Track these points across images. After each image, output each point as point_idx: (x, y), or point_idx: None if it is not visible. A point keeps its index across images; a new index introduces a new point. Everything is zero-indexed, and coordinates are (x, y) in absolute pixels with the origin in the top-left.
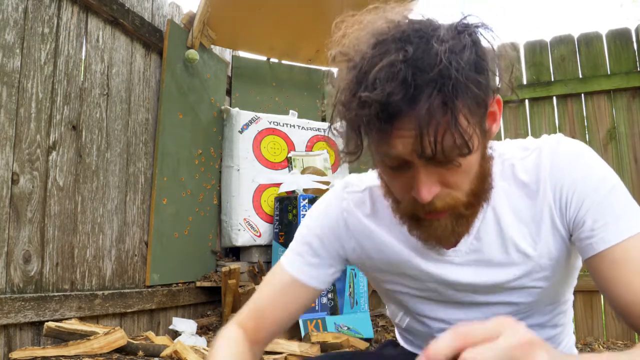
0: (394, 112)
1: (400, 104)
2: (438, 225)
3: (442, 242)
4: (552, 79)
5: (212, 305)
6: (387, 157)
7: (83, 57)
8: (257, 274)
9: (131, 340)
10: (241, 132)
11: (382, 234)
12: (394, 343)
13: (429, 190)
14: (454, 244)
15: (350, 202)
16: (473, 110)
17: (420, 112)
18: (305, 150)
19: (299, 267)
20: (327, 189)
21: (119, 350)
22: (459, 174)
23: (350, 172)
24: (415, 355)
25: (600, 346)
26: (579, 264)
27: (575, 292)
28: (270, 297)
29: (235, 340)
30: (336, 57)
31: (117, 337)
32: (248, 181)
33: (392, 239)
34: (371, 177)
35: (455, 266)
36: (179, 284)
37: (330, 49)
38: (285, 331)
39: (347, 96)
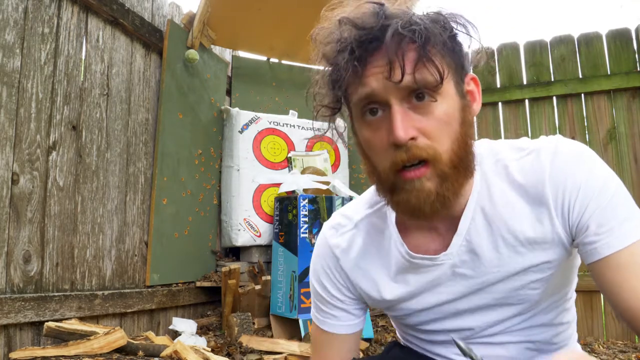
0: (368, 40)
1: (372, 31)
2: (421, 187)
3: (427, 209)
4: (552, 79)
5: (212, 305)
6: (363, 99)
7: (83, 57)
8: (257, 274)
9: (131, 340)
10: (241, 132)
11: (375, 265)
12: (399, 344)
13: (405, 129)
14: (450, 225)
15: (342, 248)
16: (446, 56)
17: (389, 37)
18: (305, 150)
19: (332, 324)
20: (327, 189)
21: (119, 350)
22: (437, 121)
23: (350, 166)
24: (421, 356)
25: (600, 346)
26: (577, 261)
27: (576, 292)
28: (329, 356)
29: None
30: (316, 33)
31: (117, 337)
32: (248, 181)
33: (382, 268)
34: (360, 208)
35: (448, 269)
36: (179, 284)
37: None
38: None
39: (325, 46)
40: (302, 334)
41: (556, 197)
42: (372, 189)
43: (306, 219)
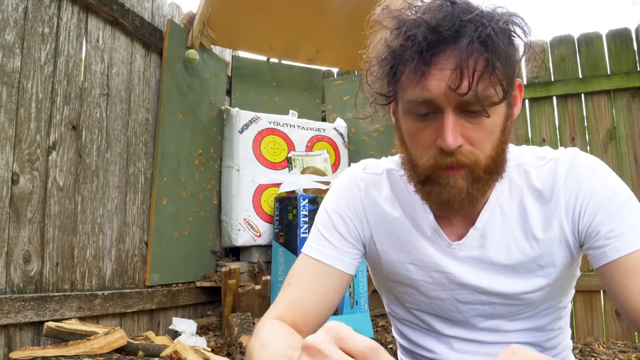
0: (437, 41)
1: (444, 34)
2: (455, 184)
3: (456, 205)
4: (552, 79)
5: (212, 305)
6: (419, 102)
7: (83, 57)
8: (257, 274)
9: (131, 340)
10: (241, 132)
11: (396, 216)
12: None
13: (455, 137)
14: (466, 217)
15: (368, 183)
16: (504, 66)
17: (462, 45)
18: (305, 150)
19: (327, 253)
20: (327, 189)
21: (119, 350)
22: (484, 132)
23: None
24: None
25: (600, 346)
26: (577, 273)
27: (575, 292)
28: (305, 287)
29: (279, 324)
30: (383, 17)
31: (117, 337)
32: (248, 181)
33: (406, 222)
34: (388, 162)
35: (458, 261)
36: (179, 284)
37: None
38: (325, 321)
39: (391, 34)
40: None
41: (568, 202)
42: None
43: (306, 219)
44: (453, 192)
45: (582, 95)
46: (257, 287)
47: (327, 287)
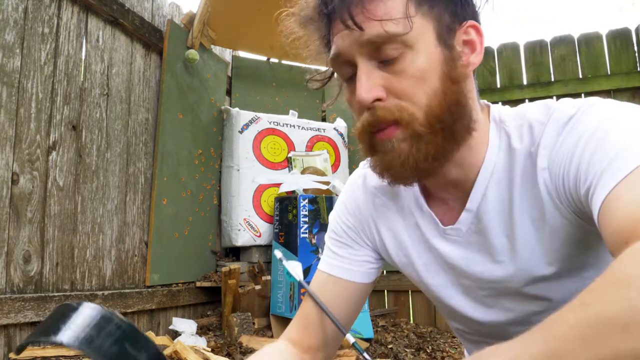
0: (329, 9)
1: None
2: (392, 147)
3: (398, 172)
4: (552, 79)
5: (212, 305)
6: (334, 64)
7: (83, 57)
8: (257, 274)
9: None
10: (241, 132)
11: (397, 206)
12: None
13: (368, 89)
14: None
15: (367, 176)
16: (422, 3)
17: None
18: (305, 150)
19: (331, 263)
20: (327, 189)
21: None
22: (410, 79)
23: (350, 166)
24: None
25: None
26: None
27: None
28: (311, 302)
29: (277, 348)
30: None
31: None
32: (248, 181)
33: (404, 210)
34: None
35: (454, 245)
36: (179, 284)
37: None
38: (339, 335)
39: (299, 15)
40: None
41: (551, 174)
42: None
43: (306, 219)
44: (390, 156)
45: (582, 95)
46: (257, 287)
47: (330, 298)
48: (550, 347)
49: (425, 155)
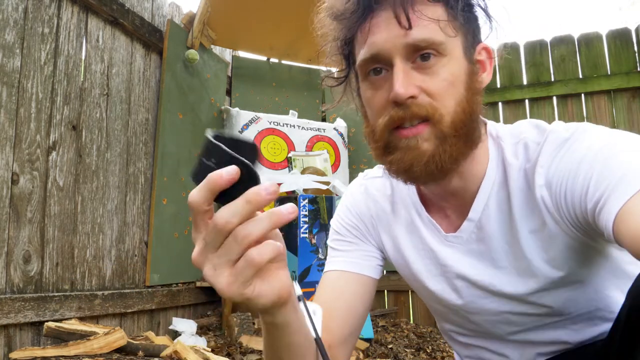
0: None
1: None
2: (416, 145)
3: (419, 170)
4: (552, 79)
5: (212, 305)
6: (367, 60)
7: (83, 57)
8: None
9: (131, 341)
10: (241, 132)
11: (400, 215)
12: None
13: (406, 85)
14: (458, 207)
15: (368, 187)
16: (457, 17)
17: None
18: (305, 150)
19: (338, 261)
20: (327, 189)
21: (119, 350)
22: (442, 81)
23: (350, 166)
24: None
25: None
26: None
27: None
28: (324, 297)
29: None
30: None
31: (117, 337)
32: None
33: (408, 218)
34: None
35: (454, 251)
36: (179, 284)
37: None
38: (356, 330)
39: (326, 12)
40: None
41: (550, 191)
42: None
43: (306, 219)
44: (413, 154)
45: (582, 95)
46: None
47: (348, 293)
48: None
49: (450, 157)
